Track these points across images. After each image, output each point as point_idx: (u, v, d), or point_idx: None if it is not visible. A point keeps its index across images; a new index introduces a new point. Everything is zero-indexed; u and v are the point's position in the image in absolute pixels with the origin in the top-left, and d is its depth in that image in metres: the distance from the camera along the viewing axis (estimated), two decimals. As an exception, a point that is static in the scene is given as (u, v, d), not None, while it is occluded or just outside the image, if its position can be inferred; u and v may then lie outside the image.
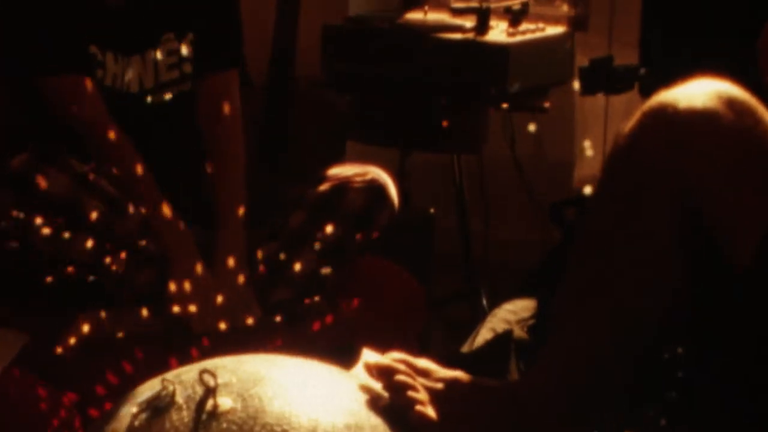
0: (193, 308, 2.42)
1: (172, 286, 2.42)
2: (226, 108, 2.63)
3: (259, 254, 2.55)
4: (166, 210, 2.46)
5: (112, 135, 2.48)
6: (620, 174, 1.66)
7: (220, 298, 2.43)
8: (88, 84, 2.52)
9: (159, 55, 2.62)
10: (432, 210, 3.41)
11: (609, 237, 1.66)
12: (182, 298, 2.41)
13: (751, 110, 1.60)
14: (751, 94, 1.64)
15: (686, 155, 1.60)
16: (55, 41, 2.50)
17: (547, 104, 3.39)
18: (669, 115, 1.62)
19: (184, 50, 2.65)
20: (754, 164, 1.58)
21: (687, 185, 1.60)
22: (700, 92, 1.61)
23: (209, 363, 1.47)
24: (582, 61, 3.32)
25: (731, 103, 1.60)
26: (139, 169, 2.47)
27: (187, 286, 2.41)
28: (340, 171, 2.66)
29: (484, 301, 3.40)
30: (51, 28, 2.49)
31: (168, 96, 2.64)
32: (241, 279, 2.47)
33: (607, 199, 1.68)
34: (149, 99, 2.62)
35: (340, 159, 2.92)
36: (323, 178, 2.65)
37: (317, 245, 2.56)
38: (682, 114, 1.61)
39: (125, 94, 2.60)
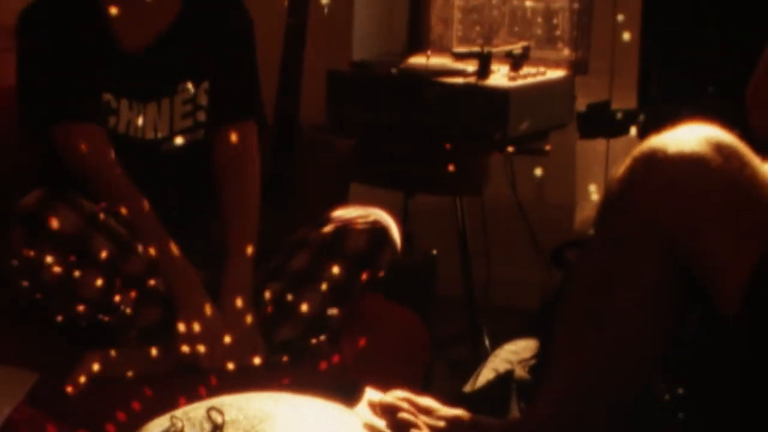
0: (201, 347, 2.44)
1: (181, 326, 2.43)
2: (244, 160, 2.64)
3: (265, 294, 2.57)
4: (174, 252, 2.48)
5: (117, 184, 2.49)
6: (612, 219, 1.69)
7: (227, 338, 2.44)
8: (97, 132, 2.54)
9: (175, 103, 2.64)
10: (434, 251, 3.42)
11: (601, 281, 1.69)
12: (190, 338, 2.44)
13: (738, 154, 1.64)
14: (741, 137, 1.68)
15: (675, 200, 1.63)
16: (66, 89, 2.51)
17: (548, 147, 3.40)
18: (659, 161, 1.65)
19: (200, 99, 2.66)
20: (741, 208, 1.61)
21: (676, 229, 1.63)
22: (688, 137, 1.65)
23: (217, 401, 1.50)
24: (583, 104, 3.35)
25: (719, 147, 1.63)
26: (145, 213, 2.47)
27: (195, 326, 2.43)
28: (344, 213, 2.66)
29: (486, 342, 3.40)
30: (64, 76, 2.51)
31: (181, 143, 2.65)
32: (248, 319, 2.47)
33: (601, 243, 1.71)
34: (162, 146, 2.64)
35: (343, 201, 2.94)
36: (327, 220, 2.65)
37: (321, 286, 2.57)
38: (671, 159, 1.64)
39: (139, 141, 2.61)
